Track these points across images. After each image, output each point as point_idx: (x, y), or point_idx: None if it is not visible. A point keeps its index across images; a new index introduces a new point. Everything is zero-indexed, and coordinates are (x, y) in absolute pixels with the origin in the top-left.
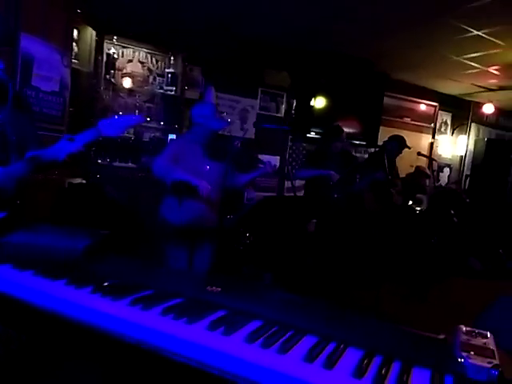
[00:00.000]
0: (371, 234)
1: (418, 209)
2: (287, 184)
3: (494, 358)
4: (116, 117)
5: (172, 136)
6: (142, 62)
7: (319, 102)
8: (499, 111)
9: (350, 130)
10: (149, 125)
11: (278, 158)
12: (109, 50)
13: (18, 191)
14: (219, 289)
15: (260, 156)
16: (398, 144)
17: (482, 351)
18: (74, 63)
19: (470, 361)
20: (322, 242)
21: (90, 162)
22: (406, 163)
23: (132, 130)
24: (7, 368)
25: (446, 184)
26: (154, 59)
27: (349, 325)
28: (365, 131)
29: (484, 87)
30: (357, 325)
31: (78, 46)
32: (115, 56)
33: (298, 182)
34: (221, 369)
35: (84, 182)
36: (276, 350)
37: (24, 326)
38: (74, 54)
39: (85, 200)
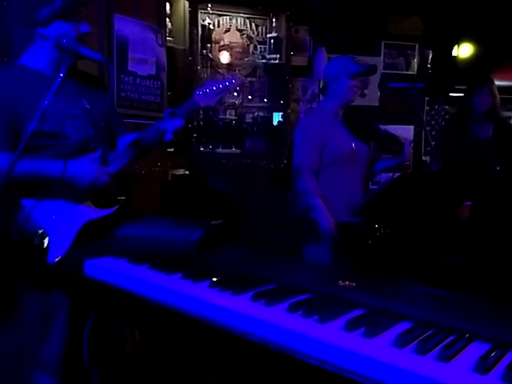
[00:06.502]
0: None
1: None
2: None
3: None
4: (211, 85)
5: (277, 114)
6: (240, 30)
7: (464, 50)
8: None
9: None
10: (251, 104)
11: (412, 127)
12: (203, 20)
13: (123, 186)
14: (353, 284)
15: (388, 127)
16: None
17: None
18: (169, 41)
19: None
20: (481, 230)
21: (193, 151)
22: None
23: (234, 112)
24: (124, 373)
25: None
26: (253, 24)
27: None
28: None
29: None
30: None
31: (171, 20)
32: (211, 27)
33: None
34: (363, 374)
35: (187, 172)
36: (435, 357)
37: (140, 322)
38: (167, 30)
39: (189, 192)
